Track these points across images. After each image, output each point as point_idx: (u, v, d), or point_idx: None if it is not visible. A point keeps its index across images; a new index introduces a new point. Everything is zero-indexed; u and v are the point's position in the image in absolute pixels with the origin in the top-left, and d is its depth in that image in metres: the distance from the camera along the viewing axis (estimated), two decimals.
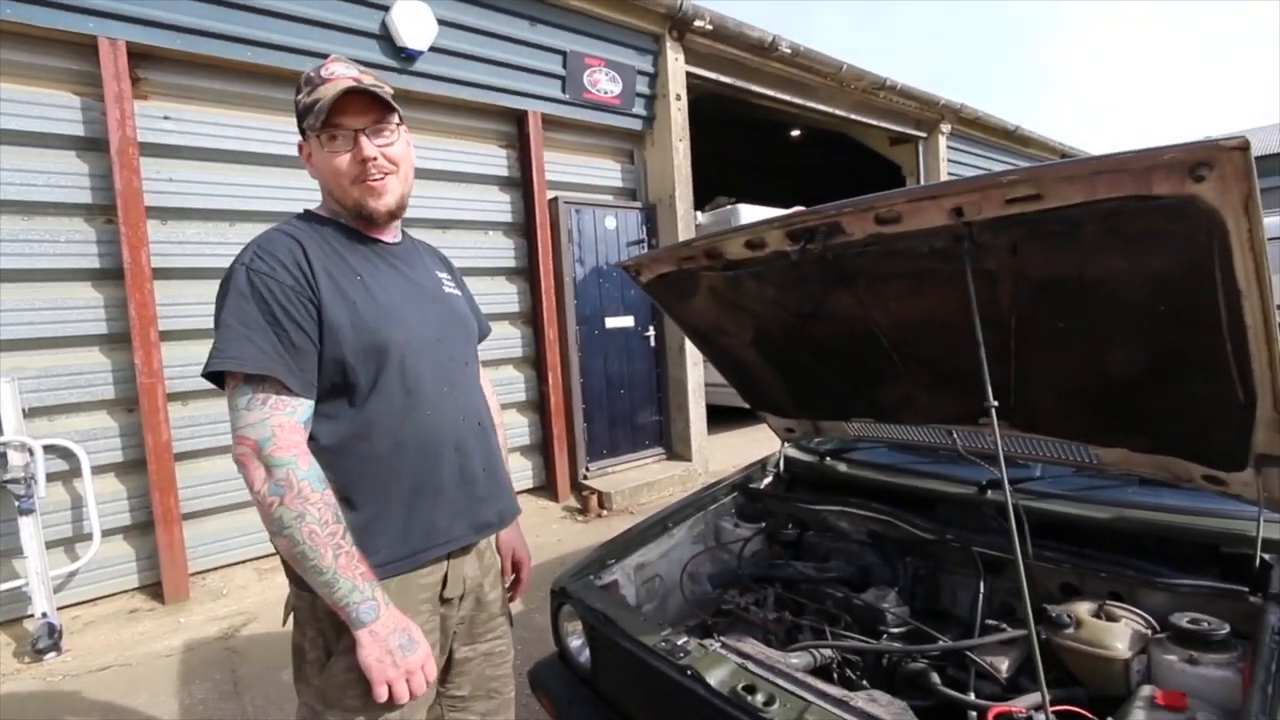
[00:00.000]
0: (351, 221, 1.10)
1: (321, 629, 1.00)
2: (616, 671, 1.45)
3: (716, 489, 2.05)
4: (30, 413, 2.98)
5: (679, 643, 1.28)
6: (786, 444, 2.21)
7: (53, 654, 2.80)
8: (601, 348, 5.03)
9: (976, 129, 8.48)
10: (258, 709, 2.37)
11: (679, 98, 5.15)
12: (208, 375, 0.96)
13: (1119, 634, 1.19)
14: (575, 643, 1.59)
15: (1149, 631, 1.22)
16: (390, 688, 0.94)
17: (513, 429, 4.66)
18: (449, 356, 1.13)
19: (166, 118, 3.31)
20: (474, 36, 4.19)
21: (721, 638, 1.37)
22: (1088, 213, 0.95)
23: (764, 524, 1.92)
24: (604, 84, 4.88)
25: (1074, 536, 1.47)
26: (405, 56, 3.89)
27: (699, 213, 6.13)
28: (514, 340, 4.70)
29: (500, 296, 4.60)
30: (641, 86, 5.09)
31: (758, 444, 6.25)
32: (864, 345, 1.51)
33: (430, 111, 4.19)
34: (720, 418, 6.36)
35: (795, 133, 10.43)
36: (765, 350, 1.79)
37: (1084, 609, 1.27)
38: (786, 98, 6.14)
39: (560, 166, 4.85)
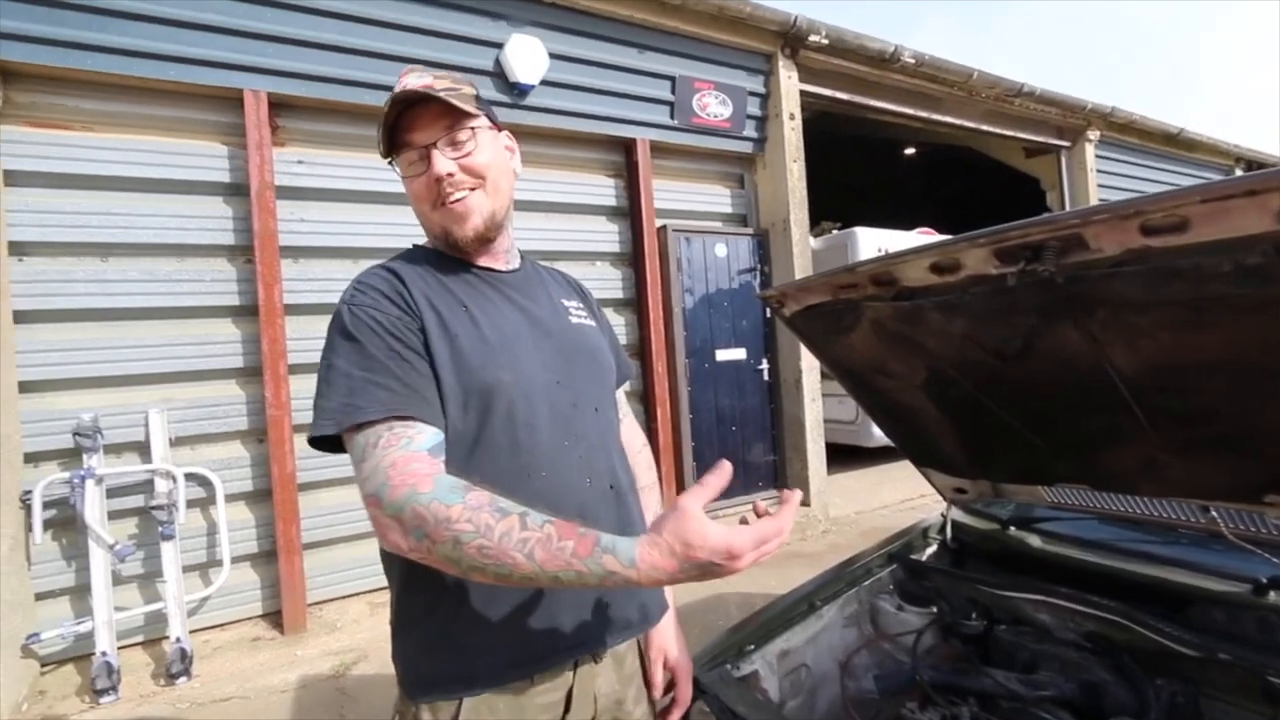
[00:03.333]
0: (448, 250, 0.96)
1: None
2: None
3: (870, 560, 1.71)
4: (175, 442, 3.16)
5: None
6: (953, 505, 1.84)
7: (184, 678, 2.88)
8: (712, 381, 4.76)
9: (1131, 134, 7.49)
10: None
11: (793, 117, 4.88)
12: (316, 441, 0.85)
13: None
14: None
15: None
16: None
17: None
18: (571, 402, 0.91)
19: (300, 161, 3.49)
20: (584, 68, 4.17)
21: None
22: None
23: (935, 609, 1.56)
24: (713, 107, 4.71)
25: None
26: (518, 92, 3.92)
27: (810, 239, 5.78)
28: None
29: None
30: (752, 108, 4.87)
31: (880, 487, 5.70)
32: (1090, 394, 1.16)
33: (540, 144, 4.17)
34: (837, 457, 5.86)
35: (910, 150, 9.80)
36: (939, 396, 1.46)
37: None
38: (909, 111, 5.69)
39: (668, 193, 4.71)
